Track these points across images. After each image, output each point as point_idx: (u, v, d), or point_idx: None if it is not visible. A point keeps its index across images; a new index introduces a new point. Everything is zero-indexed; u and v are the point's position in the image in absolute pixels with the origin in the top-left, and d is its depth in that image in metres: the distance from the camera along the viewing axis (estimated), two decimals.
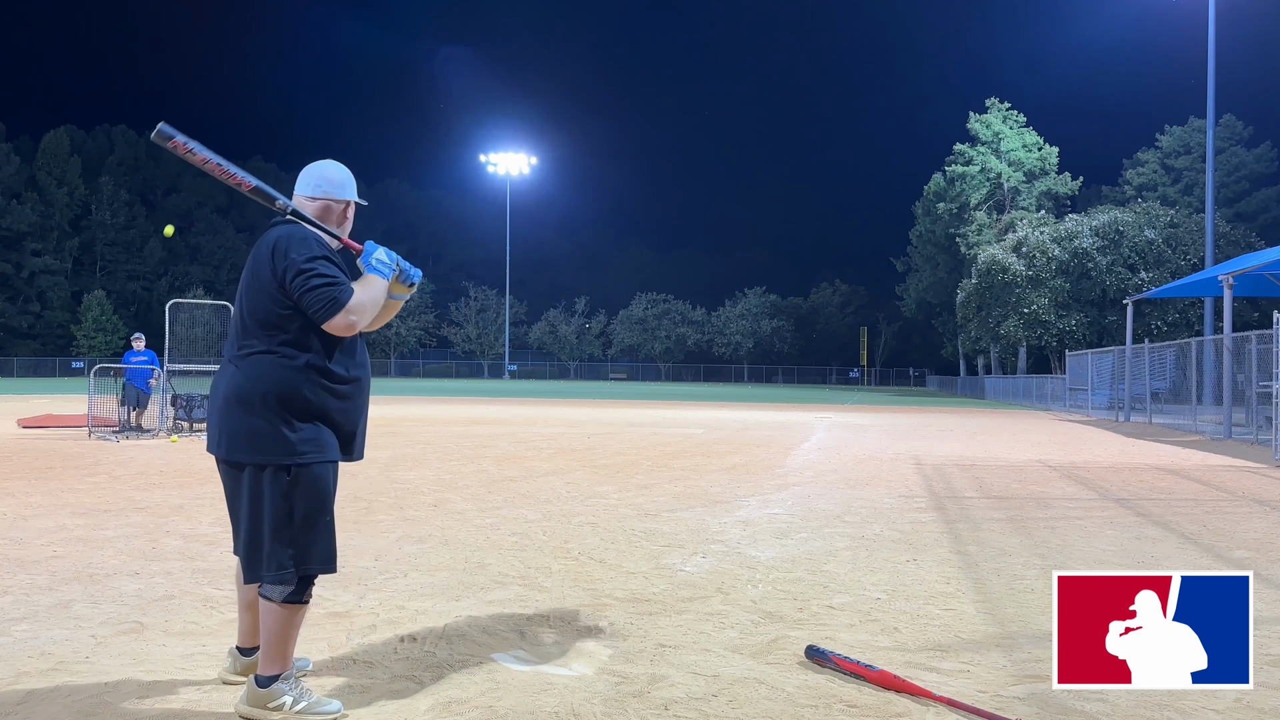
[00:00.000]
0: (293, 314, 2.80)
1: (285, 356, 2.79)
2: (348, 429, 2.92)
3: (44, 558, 4.92)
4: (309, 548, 2.80)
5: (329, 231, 2.99)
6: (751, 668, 3.27)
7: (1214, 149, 33.71)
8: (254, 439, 2.76)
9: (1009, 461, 11.63)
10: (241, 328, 2.86)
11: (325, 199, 3.05)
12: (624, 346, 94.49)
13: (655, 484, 8.56)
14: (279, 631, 2.79)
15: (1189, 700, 2.97)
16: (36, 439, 12.68)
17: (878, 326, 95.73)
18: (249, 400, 2.77)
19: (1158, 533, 6.33)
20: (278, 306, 2.79)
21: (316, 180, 3.08)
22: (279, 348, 2.80)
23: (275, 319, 2.80)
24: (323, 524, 2.83)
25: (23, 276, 77.12)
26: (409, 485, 8.14)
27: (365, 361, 3.02)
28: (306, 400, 2.80)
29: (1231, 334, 17.69)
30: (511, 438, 14.05)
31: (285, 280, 2.77)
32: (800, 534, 6.02)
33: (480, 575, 4.66)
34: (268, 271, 2.80)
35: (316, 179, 3.08)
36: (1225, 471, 10.85)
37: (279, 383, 2.77)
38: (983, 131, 59.72)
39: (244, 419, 2.77)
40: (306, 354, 2.81)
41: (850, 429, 18.39)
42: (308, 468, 2.79)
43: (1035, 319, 45.37)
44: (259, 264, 2.84)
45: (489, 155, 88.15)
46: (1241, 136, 64.92)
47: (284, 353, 2.79)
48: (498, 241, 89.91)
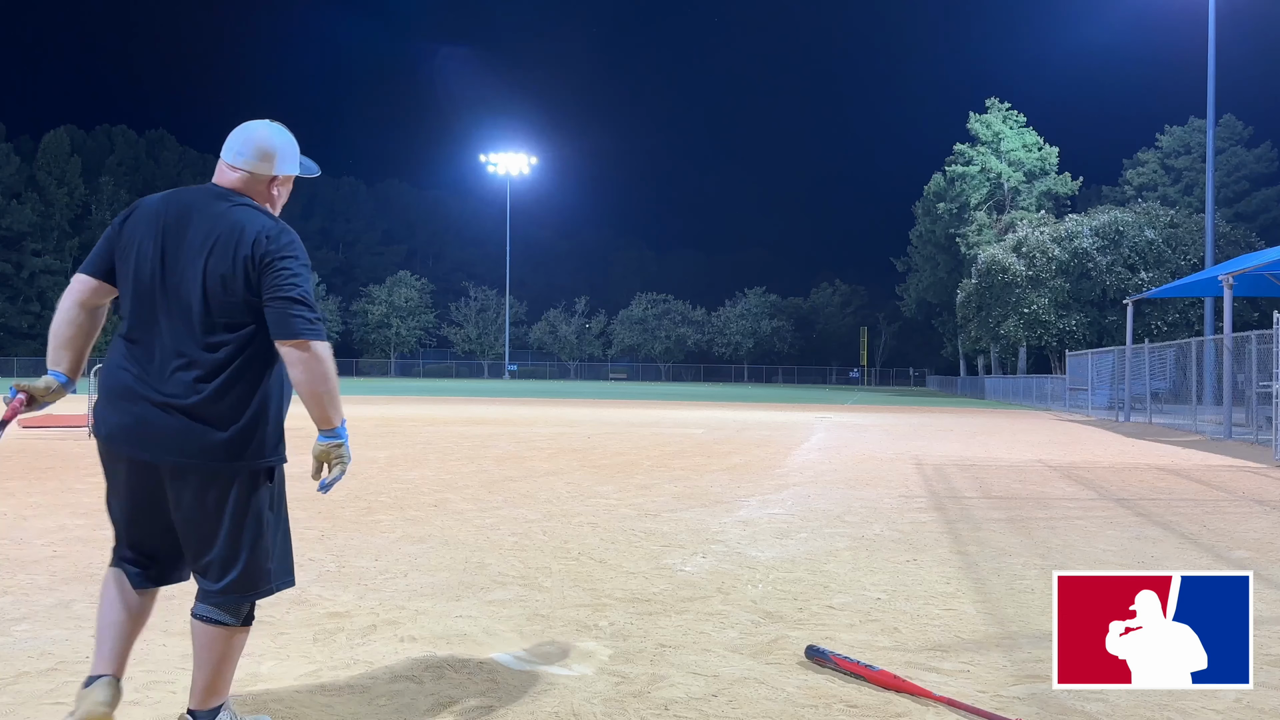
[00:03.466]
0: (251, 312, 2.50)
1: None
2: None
3: (44, 558, 4.92)
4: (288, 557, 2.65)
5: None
6: (751, 668, 3.27)
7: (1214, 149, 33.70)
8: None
9: (1009, 461, 11.63)
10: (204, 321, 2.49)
11: (248, 169, 2.62)
12: (624, 346, 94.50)
13: (655, 484, 8.56)
14: (230, 660, 2.55)
15: (1189, 700, 2.97)
16: (36, 439, 12.67)
17: (878, 326, 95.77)
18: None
19: (1158, 533, 6.33)
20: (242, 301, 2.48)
21: (240, 143, 2.64)
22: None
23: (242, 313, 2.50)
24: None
25: (23, 276, 77.12)
26: (409, 485, 8.14)
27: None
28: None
29: (1231, 334, 17.69)
30: (511, 438, 14.05)
31: (261, 273, 2.46)
32: (800, 534, 6.02)
33: (480, 575, 4.66)
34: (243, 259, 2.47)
35: (239, 142, 2.64)
36: (1225, 471, 10.85)
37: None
38: (983, 131, 59.74)
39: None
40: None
41: (850, 429, 18.39)
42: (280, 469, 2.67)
43: (1035, 319, 45.40)
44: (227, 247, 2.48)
45: (489, 155, 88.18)
46: (1241, 136, 64.93)
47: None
48: (498, 241, 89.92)
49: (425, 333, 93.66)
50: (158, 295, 2.49)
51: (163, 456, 2.45)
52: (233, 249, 2.46)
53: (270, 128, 2.67)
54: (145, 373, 2.48)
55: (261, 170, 2.64)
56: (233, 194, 2.60)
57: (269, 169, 2.65)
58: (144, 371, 2.48)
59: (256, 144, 2.63)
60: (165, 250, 2.50)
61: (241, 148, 2.63)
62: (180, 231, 2.51)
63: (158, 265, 2.50)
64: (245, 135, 2.64)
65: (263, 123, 2.68)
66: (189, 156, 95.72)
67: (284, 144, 2.69)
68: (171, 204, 2.58)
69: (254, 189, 2.63)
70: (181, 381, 2.44)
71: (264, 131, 2.66)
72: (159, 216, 2.54)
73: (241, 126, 2.68)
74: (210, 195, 2.58)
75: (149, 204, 2.61)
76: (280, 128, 2.70)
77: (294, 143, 2.74)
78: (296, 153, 2.74)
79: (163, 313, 2.48)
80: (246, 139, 2.64)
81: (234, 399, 2.46)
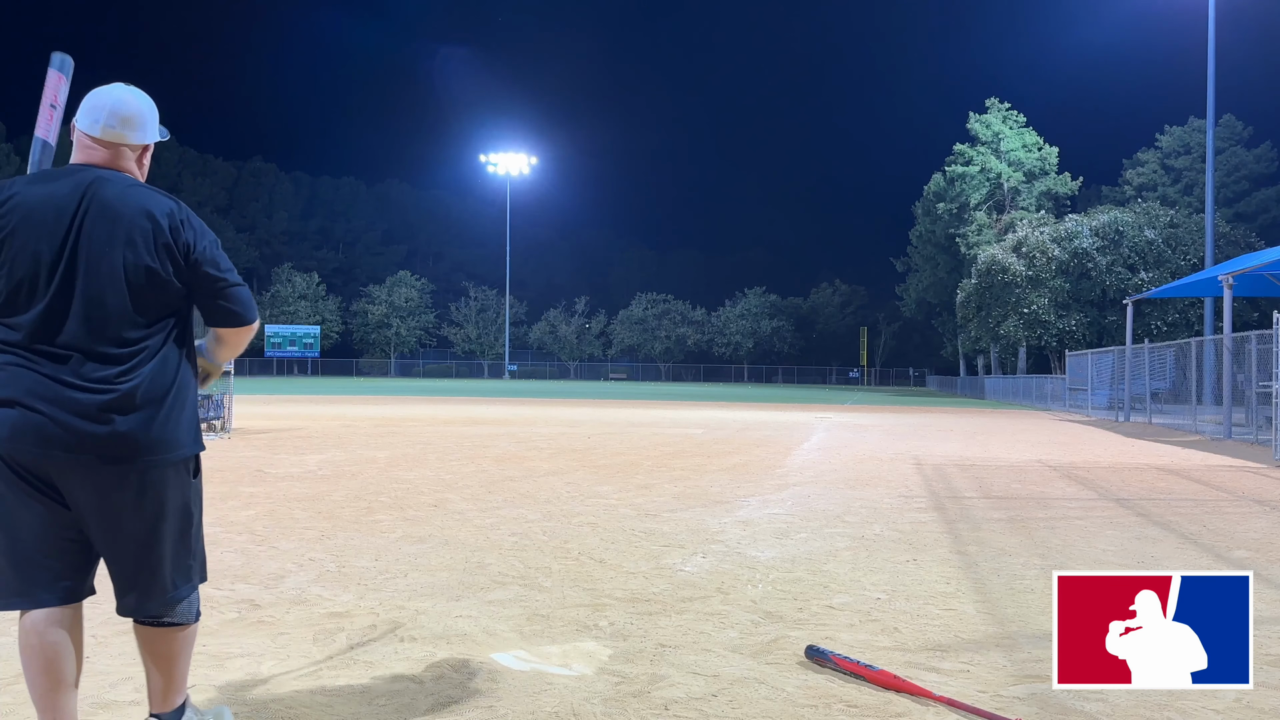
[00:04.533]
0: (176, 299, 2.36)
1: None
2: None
3: None
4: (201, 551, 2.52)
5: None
6: (751, 668, 3.27)
7: (1214, 149, 33.74)
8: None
9: (1009, 461, 11.64)
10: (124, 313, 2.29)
11: (117, 142, 2.38)
12: (624, 346, 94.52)
13: (655, 484, 8.56)
14: (188, 655, 2.46)
15: (1189, 700, 2.97)
16: None
17: (878, 326, 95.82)
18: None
19: (1158, 533, 6.33)
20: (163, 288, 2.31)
21: (104, 113, 2.36)
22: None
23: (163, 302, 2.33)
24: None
25: None
26: (409, 485, 8.14)
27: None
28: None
29: (1231, 334, 17.69)
30: (511, 438, 14.05)
31: (188, 259, 2.31)
32: (800, 534, 6.02)
33: (480, 575, 4.66)
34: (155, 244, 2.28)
35: (102, 111, 2.36)
36: (1225, 471, 10.85)
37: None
38: (983, 131, 59.74)
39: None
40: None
41: (850, 429, 18.39)
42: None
43: (1035, 319, 45.41)
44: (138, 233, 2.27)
45: (489, 155, 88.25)
46: (1241, 136, 64.93)
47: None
48: (498, 241, 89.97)
49: (425, 333, 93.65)
50: (57, 293, 2.23)
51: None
52: (150, 238, 2.26)
53: (131, 91, 2.42)
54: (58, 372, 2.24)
55: (135, 140, 2.40)
56: (112, 173, 2.33)
57: (141, 138, 2.41)
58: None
59: (123, 112, 2.37)
60: (68, 245, 2.23)
61: (108, 118, 2.35)
62: (80, 223, 2.24)
63: (57, 260, 2.23)
64: (106, 101, 2.36)
65: (121, 86, 2.40)
66: (189, 156, 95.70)
67: (149, 108, 2.45)
68: (50, 195, 2.26)
69: (124, 163, 2.39)
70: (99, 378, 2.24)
71: (128, 96, 2.40)
72: (42, 209, 2.24)
73: (97, 91, 2.39)
74: (91, 179, 2.29)
75: (24, 196, 2.27)
76: (137, 90, 2.45)
77: (154, 105, 2.49)
78: (157, 116, 2.49)
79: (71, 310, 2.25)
80: (110, 107, 2.36)
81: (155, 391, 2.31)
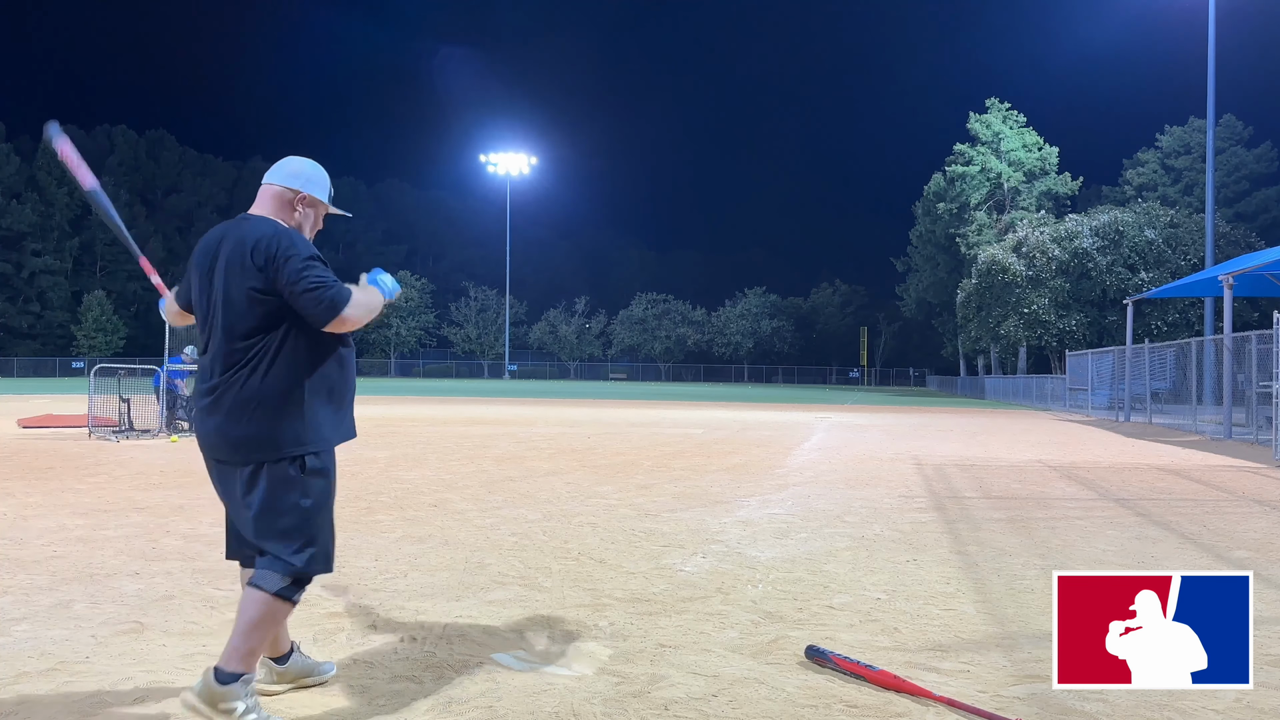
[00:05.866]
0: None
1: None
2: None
3: (44, 558, 4.91)
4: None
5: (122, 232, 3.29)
6: (751, 668, 3.27)
7: (1214, 149, 33.70)
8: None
9: (1009, 461, 11.63)
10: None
11: (275, 184, 2.95)
12: (624, 346, 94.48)
13: (655, 484, 8.56)
14: (262, 624, 2.66)
15: (1189, 700, 2.97)
16: (36, 439, 12.67)
17: (878, 326, 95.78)
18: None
19: (1158, 533, 6.33)
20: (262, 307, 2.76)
21: (276, 168, 3.00)
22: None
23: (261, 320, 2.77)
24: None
25: (23, 276, 77.13)
26: (409, 485, 8.14)
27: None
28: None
29: (1231, 334, 17.68)
30: (511, 438, 14.05)
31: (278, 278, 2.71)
32: (800, 534, 6.02)
33: (480, 575, 4.66)
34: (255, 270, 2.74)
35: (277, 166, 3.00)
36: (1225, 471, 10.85)
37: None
38: (983, 131, 59.71)
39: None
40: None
41: (850, 429, 18.39)
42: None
43: (1035, 319, 45.36)
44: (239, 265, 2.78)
45: (489, 155, 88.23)
46: (1241, 136, 64.93)
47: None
48: (498, 241, 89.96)
49: (425, 333, 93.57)
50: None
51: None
52: (240, 260, 2.73)
53: (304, 160, 3.02)
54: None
55: (288, 185, 2.94)
56: (253, 216, 2.88)
57: (295, 185, 2.94)
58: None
59: (288, 166, 2.98)
60: (208, 275, 2.84)
61: (275, 169, 2.97)
62: (214, 256, 2.83)
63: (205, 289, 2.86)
64: (282, 161, 3.00)
65: (301, 157, 3.02)
66: (189, 156, 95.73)
67: (313, 169, 3.00)
68: (212, 234, 2.92)
69: (278, 206, 2.92)
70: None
71: (298, 159, 3.01)
72: (205, 248, 2.89)
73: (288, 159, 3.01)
74: (237, 220, 2.88)
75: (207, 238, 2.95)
76: (314, 162, 3.04)
77: (324, 174, 3.03)
78: (326, 183, 3.03)
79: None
80: (282, 162, 3.00)
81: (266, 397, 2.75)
